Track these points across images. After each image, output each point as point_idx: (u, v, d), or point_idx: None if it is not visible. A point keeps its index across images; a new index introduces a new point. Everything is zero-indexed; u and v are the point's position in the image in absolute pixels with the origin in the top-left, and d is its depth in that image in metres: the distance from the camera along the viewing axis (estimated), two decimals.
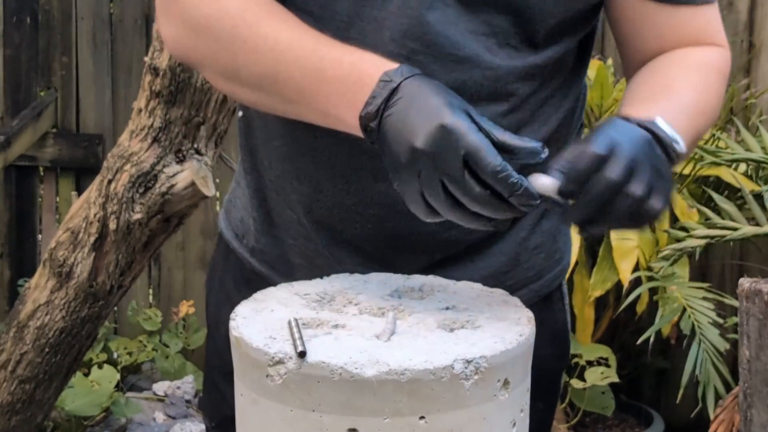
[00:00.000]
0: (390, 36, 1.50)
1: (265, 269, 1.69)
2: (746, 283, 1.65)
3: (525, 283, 1.68)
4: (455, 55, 1.50)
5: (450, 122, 1.29)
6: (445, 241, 1.59)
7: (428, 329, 1.34)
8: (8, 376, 3.03)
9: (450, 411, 1.26)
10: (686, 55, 1.60)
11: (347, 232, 1.60)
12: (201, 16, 1.49)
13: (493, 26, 1.51)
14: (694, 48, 1.61)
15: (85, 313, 2.94)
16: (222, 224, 1.77)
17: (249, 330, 1.33)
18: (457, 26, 1.50)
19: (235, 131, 1.79)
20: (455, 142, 1.28)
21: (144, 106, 2.77)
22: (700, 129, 1.55)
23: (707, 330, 3.16)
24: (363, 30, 1.51)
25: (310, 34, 1.45)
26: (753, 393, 1.64)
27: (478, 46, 1.50)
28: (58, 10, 4.25)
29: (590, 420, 3.78)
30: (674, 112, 1.47)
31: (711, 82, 1.59)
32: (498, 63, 1.52)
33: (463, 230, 1.54)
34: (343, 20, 1.51)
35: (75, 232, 2.87)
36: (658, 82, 1.56)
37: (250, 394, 1.31)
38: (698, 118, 1.54)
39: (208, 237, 4.29)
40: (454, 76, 1.50)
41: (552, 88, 1.59)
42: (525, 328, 1.35)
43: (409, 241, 1.58)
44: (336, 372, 1.24)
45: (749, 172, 3.52)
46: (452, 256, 1.62)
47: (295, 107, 1.46)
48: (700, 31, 1.61)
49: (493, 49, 1.51)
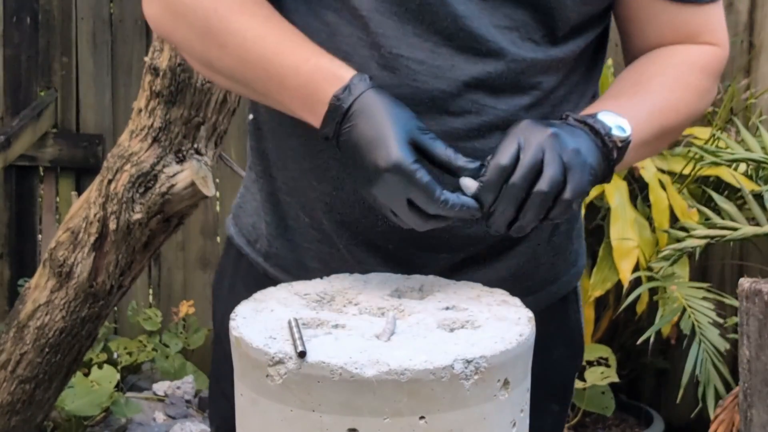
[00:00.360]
0: (413, 30, 1.51)
1: (279, 273, 1.67)
2: (746, 283, 1.65)
3: (543, 285, 1.68)
4: (479, 48, 1.52)
5: (392, 166, 1.38)
6: (466, 238, 1.59)
7: (428, 329, 1.34)
8: (8, 376, 3.03)
9: (450, 411, 1.26)
10: (672, 52, 1.61)
11: (368, 231, 1.59)
12: (179, 2, 1.53)
13: (514, 20, 1.52)
14: (684, 46, 1.62)
15: (85, 313, 2.94)
16: (231, 230, 1.77)
17: (249, 330, 1.33)
18: (481, 19, 1.51)
19: (235, 131, 1.80)
20: (398, 184, 1.38)
21: (144, 106, 2.76)
22: (669, 125, 1.58)
23: (707, 330, 3.16)
24: (383, 24, 1.52)
25: (276, 32, 1.49)
26: (753, 393, 1.64)
27: (503, 38, 1.52)
28: (58, 10, 4.24)
29: (590, 420, 3.78)
30: (634, 108, 1.52)
31: (690, 81, 1.60)
32: (522, 56, 1.54)
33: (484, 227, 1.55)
34: (364, 14, 1.52)
35: (75, 232, 2.87)
36: (632, 79, 1.60)
37: (250, 394, 1.31)
38: (666, 113, 1.57)
39: (208, 237, 4.29)
40: (479, 68, 1.52)
41: (572, 84, 1.61)
42: (525, 328, 1.35)
43: (430, 238, 1.56)
44: (336, 372, 1.24)
45: (749, 172, 3.51)
46: (473, 256, 1.62)
47: (267, 100, 1.53)
48: (698, 29, 1.62)
49: (517, 42, 1.53)
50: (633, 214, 3.45)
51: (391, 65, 1.52)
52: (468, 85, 1.52)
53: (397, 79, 1.52)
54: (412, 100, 1.50)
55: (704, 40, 1.63)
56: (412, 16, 1.51)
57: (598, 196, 3.50)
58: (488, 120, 1.51)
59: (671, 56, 1.61)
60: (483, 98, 1.53)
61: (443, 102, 1.52)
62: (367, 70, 1.50)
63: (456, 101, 1.53)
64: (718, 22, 1.64)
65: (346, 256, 1.62)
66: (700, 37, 1.62)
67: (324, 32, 1.54)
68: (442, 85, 1.52)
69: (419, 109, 1.50)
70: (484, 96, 1.53)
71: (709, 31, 1.63)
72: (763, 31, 3.86)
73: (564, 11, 1.53)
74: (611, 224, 3.43)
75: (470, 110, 1.53)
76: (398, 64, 1.52)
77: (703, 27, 1.62)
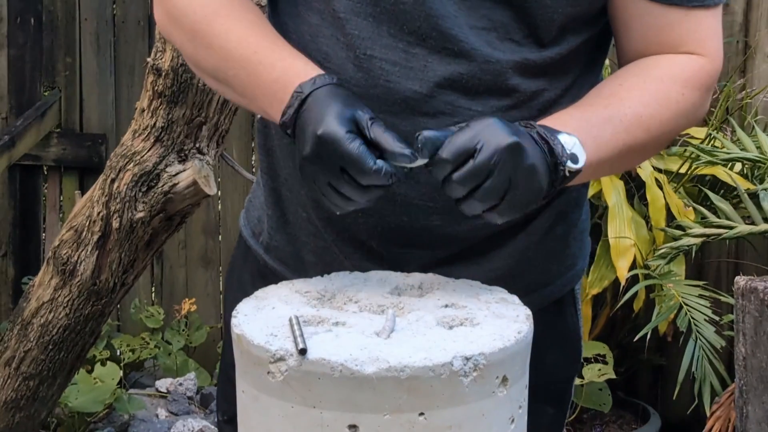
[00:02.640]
0: (387, 30, 1.52)
1: (278, 266, 1.70)
2: (742, 281, 1.65)
3: (535, 288, 1.66)
4: (452, 49, 1.51)
5: (325, 132, 1.38)
6: (447, 236, 1.59)
7: (427, 327, 1.34)
8: (12, 373, 3.02)
9: (449, 407, 1.26)
10: (655, 63, 1.55)
11: (352, 228, 1.61)
12: (174, 7, 1.58)
13: (493, 21, 1.51)
14: (670, 56, 1.55)
15: (89, 311, 2.93)
16: (241, 222, 1.81)
17: (250, 327, 1.33)
18: (456, 19, 1.50)
19: (236, 131, 1.83)
20: (331, 151, 1.38)
21: (147, 106, 2.76)
22: (636, 144, 1.51)
23: (703, 327, 3.15)
24: (359, 25, 1.53)
25: (258, 35, 1.52)
26: (749, 389, 1.64)
27: (477, 39, 1.51)
28: (61, 11, 4.23)
29: (587, 416, 3.77)
30: (601, 125, 1.47)
31: (670, 96, 1.52)
32: (498, 57, 1.51)
33: (466, 227, 1.56)
34: (341, 16, 1.54)
35: (78, 230, 2.86)
36: (607, 90, 1.53)
37: (252, 391, 1.32)
38: (634, 132, 1.50)
39: (210, 235, 4.29)
40: (451, 68, 1.51)
41: (561, 88, 1.57)
42: (523, 326, 1.35)
43: (411, 235, 1.58)
44: (336, 369, 1.24)
45: (745, 171, 3.50)
46: (456, 254, 1.61)
47: (245, 101, 1.56)
48: (684, 37, 1.55)
49: (494, 43, 1.52)
50: (630, 212, 3.44)
51: (366, 66, 1.53)
52: (440, 86, 1.52)
53: (372, 80, 1.53)
54: (385, 100, 1.52)
55: (690, 49, 1.55)
56: (387, 17, 1.51)
57: (595, 195, 3.49)
58: (462, 121, 1.45)
59: (653, 68, 1.54)
60: (457, 99, 1.52)
61: (416, 102, 1.52)
62: (345, 71, 1.53)
63: (429, 102, 1.52)
64: (709, 32, 1.56)
65: (336, 251, 1.64)
66: (686, 45, 1.54)
67: (308, 33, 1.57)
68: (414, 86, 1.52)
69: (393, 109, 1.51)
70: (458, 97, 1.52)
71: (696, 40, 1.55)
72: (759, 32, 3.86)
73: (545, 11, 1.51)
74: (608, 222, 3.42)
75: (444, 111, 1.52)
76: (372, 65, 1.53)
77: (690, 34, 1.54)
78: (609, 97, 1.52)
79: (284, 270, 1.70)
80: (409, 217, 1.57)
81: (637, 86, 1.53)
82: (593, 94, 1.54)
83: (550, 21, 1.52)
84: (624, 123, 1.49)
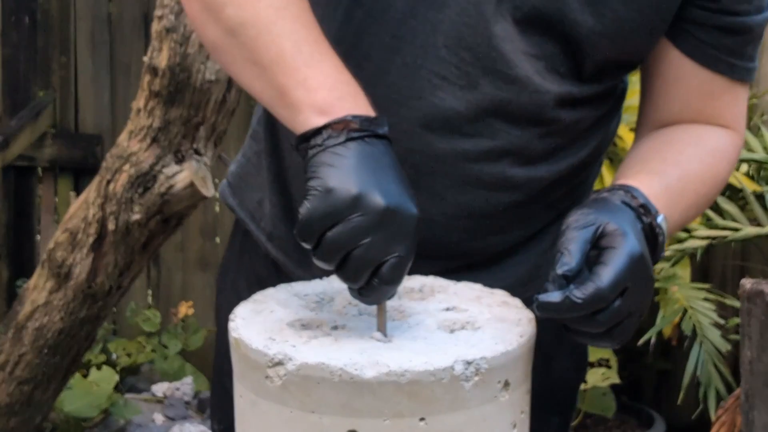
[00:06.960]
0: (443, 42, 1.46)
1: (280, 256, 1.66)
2: (748, 284, 1.65)
3: None
4: (506, 73, 1.47)
5: (401, 206, 1.28)
6: (462, 251, 1.58)
7: (428, 330, 1.34)
8: (7, 377, 3.05)
9: (450, 412, 1.26)
10: (703, 135, 1.56)
11: None
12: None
13: (544, 49, 1.48)
14: (711, 128, 1.57)
15: (84, 314, 2.95)
16: (231, 200, 1.71)
17: (248, 331, 1.33)
18: (513, 43, 1.46)
19: (234, 131, 1.79)
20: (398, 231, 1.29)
21: (143, 106, 2.77)
22: (688, 218, 1.55)
23: (708, 331, 3.17)
24: (415, 30, 1.47)
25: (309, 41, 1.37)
26: (755, 394, 1.64)
27: (529, 67, 1.48)
28: (56, 10, 4.25)
29: (591, 421, 3.79)
30: (675, 199, 1.47)
31: (719, 173, 1.56)
32: (547, 88, 1.49)
33: (483, 243, 1.53)
34: (397, 17, 1.47)
35: (74, 232, 2.88)
36: (670, 158, 1.53)
37: (250, 396, 1.31)
38: (692, 210, 1.53)
39: (208, 237, 4.30)
40: (501, 94, 1.48)
41: (594, 118, 1.58)
42: (526, 329, 1.35)
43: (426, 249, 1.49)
44: (336, 373, 1.24)
45: (751, 172, 3.52)
46: (467, 265, 1.60)
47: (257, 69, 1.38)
48: (725, 109, 1.57)
49: (542, 72, 1.49)
50: None
51: (411, 75, 1.47)
52: (486, 111, 1.48)
53: (415, 92, 1.47)
54: (425, 114, 1.47)
55: (727, 122, 1.57)
56: (447, 26, 1.46)
57: None
58: (500, 144, 1.46)
59: (706, 140, 1.56)
60: (499, 123, 1.49)
61: (458, 123, 1.48)
62: (385, 76, 1.47)
63: (472, 124, 1.49)
64: (742, 108, 1.59)
65: None
66: (723, 118, 1.57)
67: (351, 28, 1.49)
68: (460, 106, 1.48)
69: (432, 125, 1.47)
70: (501, 122, 1.49)
71: (734, 115, 1.58)
72: (765, 33, 3.86)
73: (594, 51, 1.49)
74: None
75: (483, 133, 1.49)
76: (418, 76, 1.47)
77: (729, 108, 1.57)
78: (675, 165, 1.51)
79: (286, 260, 1.65)
80: (427, 233, 1.53)
81: (697, 159, 1.54)
82: (657, 158, 1.52)
83: (594, 60, 1.51)
84: (688, 201, 1.51)
